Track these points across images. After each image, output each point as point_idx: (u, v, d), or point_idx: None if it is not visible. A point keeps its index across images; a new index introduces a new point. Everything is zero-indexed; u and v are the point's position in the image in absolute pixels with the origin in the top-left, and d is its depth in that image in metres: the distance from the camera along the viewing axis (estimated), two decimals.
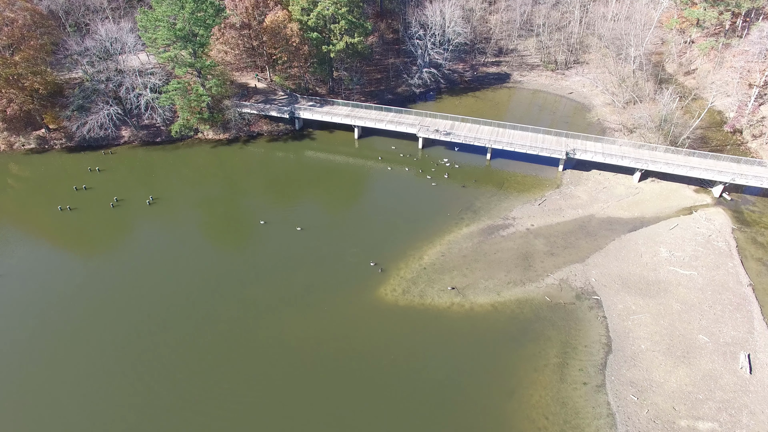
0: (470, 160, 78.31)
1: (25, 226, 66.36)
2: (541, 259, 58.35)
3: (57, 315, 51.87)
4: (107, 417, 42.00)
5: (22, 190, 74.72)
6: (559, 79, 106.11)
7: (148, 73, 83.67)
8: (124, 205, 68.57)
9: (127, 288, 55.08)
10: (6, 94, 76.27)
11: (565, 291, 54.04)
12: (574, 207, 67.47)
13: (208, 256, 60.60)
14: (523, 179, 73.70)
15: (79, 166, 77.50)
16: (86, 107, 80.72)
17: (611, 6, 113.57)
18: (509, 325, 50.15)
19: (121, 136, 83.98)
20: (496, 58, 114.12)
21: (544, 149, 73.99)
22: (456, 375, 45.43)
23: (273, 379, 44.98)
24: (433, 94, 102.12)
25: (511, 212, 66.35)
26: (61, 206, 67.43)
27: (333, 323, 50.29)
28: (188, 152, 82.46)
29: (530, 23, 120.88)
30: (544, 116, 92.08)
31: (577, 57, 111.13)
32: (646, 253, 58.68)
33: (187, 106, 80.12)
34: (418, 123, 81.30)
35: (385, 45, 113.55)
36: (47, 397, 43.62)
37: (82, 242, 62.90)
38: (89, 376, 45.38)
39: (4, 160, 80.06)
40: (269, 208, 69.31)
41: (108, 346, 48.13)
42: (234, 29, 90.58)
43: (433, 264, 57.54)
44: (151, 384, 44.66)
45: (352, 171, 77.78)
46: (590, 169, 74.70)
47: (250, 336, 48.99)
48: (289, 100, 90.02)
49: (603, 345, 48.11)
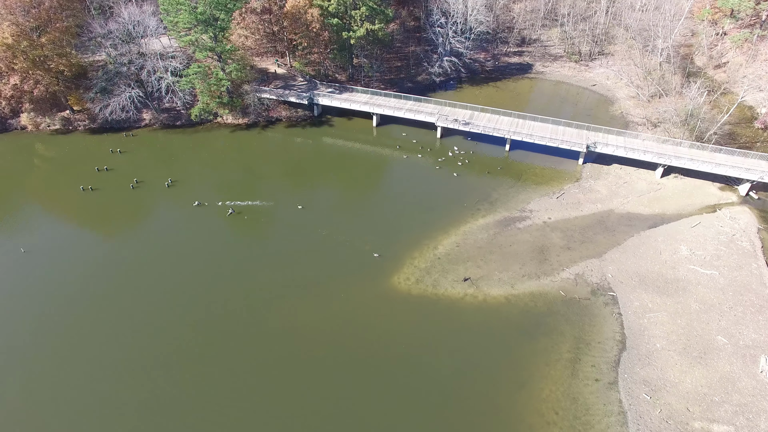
0: (489, 151, 77.42)
1: (49, 205, 67.96)
2: (557, 252, 57.63)
3: (76, 291, 53.28)
4: (119, 388, 43.11)
5: (47, 170, 76.40)
6: (583, 70, 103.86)
7: (169, 57, 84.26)
8: (144, 186, 69.59)
9: (143, 267, 56.16)
10: (33, 76, 77.73)
11: (580, 286, 53.36)
12: (593, 201, 66.33)
13: (223, 240, 61.26)
14: (542, 171, 72.63)
15: (101, 148, 78.80)
16: (109, 90, 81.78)
17: None
18: (522, 318, 49.80)
19: (142, 119, 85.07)
20: (519, 48, 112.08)
21: (565, 142, 72.72)
22: (466, 366, 45.36)
23: (283, 365, 45.46)
24: (454, 83, 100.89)
25: (528, 204, 65.55)
26: (83, 186, 68.75)
27: (345, 310, 50.54)
28: (207, 136, 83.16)
29: (554, 13, 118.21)
30: (565, 108, 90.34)
31: (601, 48, 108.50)
32: (666, 251, 57.49)
33: (207, 90, 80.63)
34: (437, 112, 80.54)
35: (406, 32, 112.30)
36: (65, 367, 44.89)
37: (102, 222, 64.09)
38: (105, 349, 46.54)
39: (30, 140, 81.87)
40: (285, 193, 69.51)
41: (123, 324, 49.24)
42: (255, 14, 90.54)
43: (448, 254, 57.27)
44: (163, 362, 45.61)
45: (369, 158, 77.57)
46: (611, 164, 73.22)
47: (261, 321, 49.55)
48: (308, 86, 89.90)
49: (617, 342, 47.47)
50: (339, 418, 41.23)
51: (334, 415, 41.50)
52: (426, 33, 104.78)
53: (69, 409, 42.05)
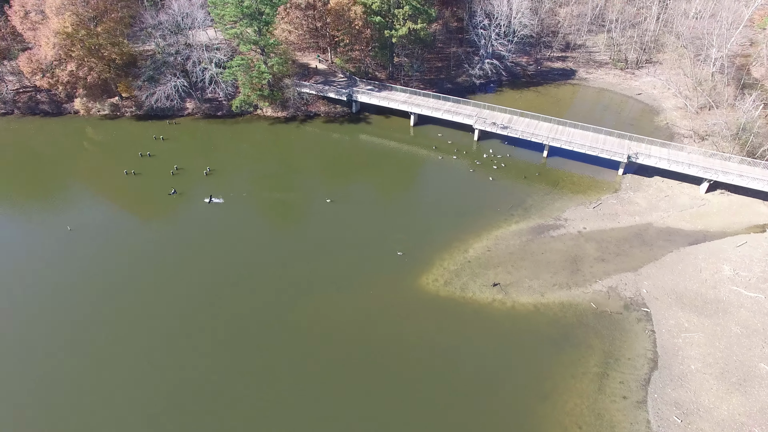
0: (526, 156, 76.14)
1: (95, 186, 70.96)
2: (591, 264, 56.23)
3: (116, 269, 55.66)
4: (154, 364, 44.64)
5: (94, 153, 79.86)
6: (628, 78, 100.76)
7: (214, 49, 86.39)
8: (183, 173, 71.66)
9: (177, 252, 58.18)
10: (88, 63, 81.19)
11: (612, 299, 51.92)
12: (631, 213, 64.35)
13: (256, 230, 62.52)
14: (580, 180, 70.95)
15: (145, 134, 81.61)
16: (156, 78, 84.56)
17: (694, 2, 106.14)
18: (550, 327, 48.84)
19: (185, 108, 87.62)
20: (562, 53, 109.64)
21: (605, 151, 70.79)
22: (490, 372, 44.86)
23: (307, 360, 45.99)
24: (494, 86, 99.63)
25: (563, 213, 64.19)
26: (127, 170, 71.39)
27: (372, 308, 50.76)
28: (247, 127, 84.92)
29: (602, 18, 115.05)
30: (607, 116, 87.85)
31: (649, 56, 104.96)
32: (707, 269, 55.25)
33: (249, 82, 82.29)
34: (475, 114, 79.76)
35: (448, 33, 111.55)
36: (102, 340, 46.82)
37: (142, 206, 66.36)
38: (141, 327, 48.31)
39: (81, 123, 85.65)
40: (320, 187, 70.27)
41: (157, 305, 50.98)
42: (299, 9, 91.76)
43: (478, 258, 56.72)
44: (190, 345, 46.96)
45: (404, 158, 77.53)
46: (653, 176, 70.85)
47: (288, 314, 50.24)
48: (348, 82, 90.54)
49: (648, 360, 45.97)
50: (358, 417, 41.46)
51: (355, 412, 41.76)
52: (468, 34, 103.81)
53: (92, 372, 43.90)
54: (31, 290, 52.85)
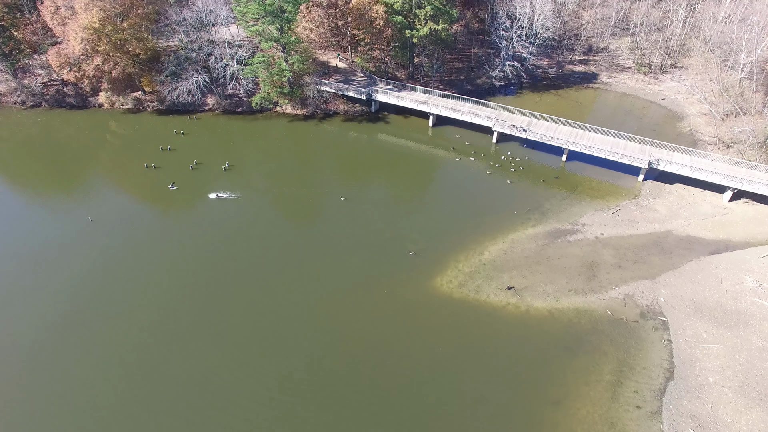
0: (544, 160, 75.44)
1: (116, 178, 72.37)
2: (607, 270, 55.50)
3: (133, 259, 56.72)
4: (164, 352, 45.35)
5: (117, 146, 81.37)
6: (652, 83, 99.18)
7: (236, 45, 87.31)
8: (202, 168, 72.61)
9: (195, 245, 58.83)
10: (113, 58, 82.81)
11: (629, 307, 51.18)
12: (651, 221, 63.33)
13: (271, 226, 63.02)
14: (599, 185, 70.05)
15: (166, 128, 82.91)
16: (178, 74, 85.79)
17: (724, 6, 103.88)
18: (564, 333, 48.34)
19: (206, 104, 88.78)
20: (585, 57, 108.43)
21: (625, 156, 69.76)
22: (501, 375, 44.58)
23: (314, 357, 46.20)
24: (514, 88, 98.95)
25: (581, 218, 63.46)
26: (147, 164, 72.61)
27: (384, 307, 50.80)
28: (266, 124, 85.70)
29: (626, 21, 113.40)
30: (629, 121, 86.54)
31: (674, 61, 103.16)
32: (728, 280, 54.10)
33: (269, 79, 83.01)
34: (494, 116, 79.29)
35: (469, 34, 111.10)
36: (113, 329, 47.78)
37: (161, 199, 67.32)
38: (151, 314, 49.13)
39: (105, 117, 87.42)
40: (336, 186, 70.59)
41: (169, 297, 51.74)
42: (321, 8, 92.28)
43: (493, 261, 56.40)
44: (205, 341, 47.57)
45: (421, 158, 77.44)
46: (674, 182, 69.60)
47: (302, 310, 50.57)
48: (367, 81, 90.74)
49: (664, 370, 45.20)
50: (366, 417, 41.55)
51: (362, 413, 41.85)
52: (489, 36, 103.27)
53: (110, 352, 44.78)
54: (52, 277, 54.09)
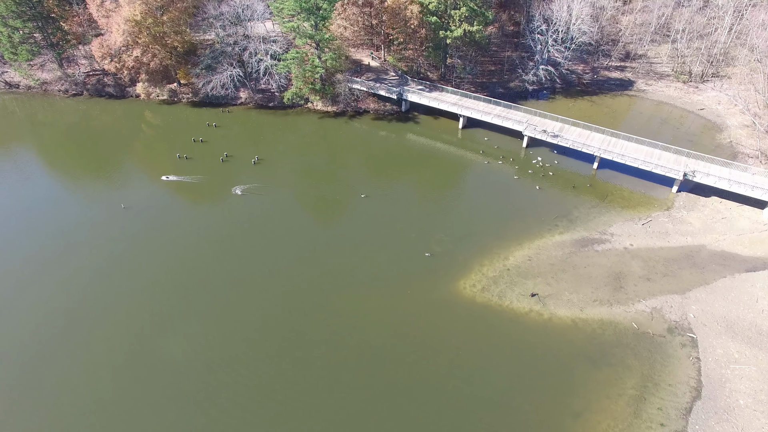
0: (575, 167, 74.07)
1: (149, 167, 74.32)
2: (635, 282, 54.18)
3: (161, 248, 58.20)
4: (186, 338, 46.39)
5: (151, 136, 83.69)
6: (691, 92, 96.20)
7: (270, 41, 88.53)
8: (232, 161, 73.93)
9: (222, 235, 59.93)
10: (152, 50, 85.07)
11: (656, 321, 49.85)
12: (683, 234, 61.50)
13: (298, 221, 63.69)
14: (630, 195, 68.40)
15: (199, 120, 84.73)
16: (213, 67, 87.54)
17: None
18: (587, 344, 47.41)
19: (238, 97, 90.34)
20: (621, 63, 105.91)
21: (659, 166, 67.91)
22: (521, 384, 44.00)
23: (333, 353, 46.41)
24: (547, 93, 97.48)
25: (610, 227, 62.09)
26: (179, 154, 74.35)
27: (405, 307, 50.73)
28: (296, 119, 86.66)
29: (667, 28, 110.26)
30: (665, 131, 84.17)
31: (717, 69, 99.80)
32: (765, 299, 52.10)
33: (302, 75, 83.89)
34: (525, 121, 78.30)
35: (504, 37, 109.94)
36: (140, 314, 49.11)
37: (191, 189, 68.79)
38: (174, 302, 50.26)
39: (141, 107, 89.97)
40: (365, 183, 70.75)
41: (192, 288, 52.81)
42: (356, 6, 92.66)
43: (518, 266, 55.73)
44: (220, 328, 48.44)
45: (450, 160, 77.03)
46: (710, 195, 67.41)
47: (323, 307, 50.86)
48: (399, 81, 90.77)
49: (691, 389, 43.85)
50: (383, 419, 41.63)
51: (378, 416, 41.96)
52: (524, 39, 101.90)
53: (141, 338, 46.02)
54: (83, 262, 55.96)
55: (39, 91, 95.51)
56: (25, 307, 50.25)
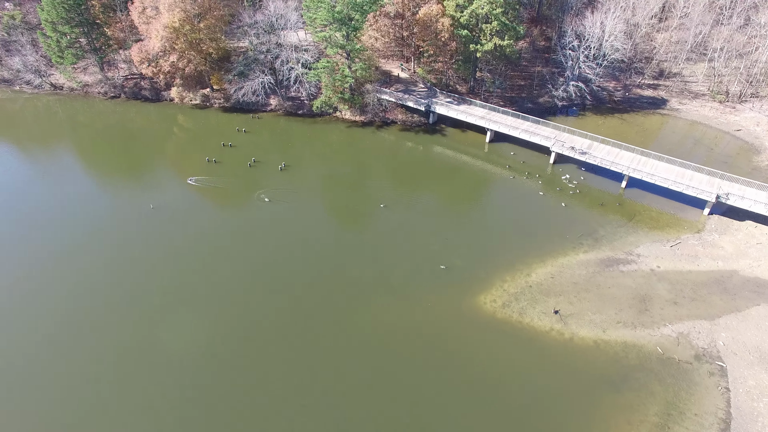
0: (602, 185, 72.78)
1: (179, 169, 76.11)
2: (661, 305, 52.71)
3: (186, 247, 59.78)
4: (206, 337, 47.14)
5: (183, 139, 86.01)
6: (727, 112, 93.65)
7: (302, 50, 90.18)
8: (260, 166, 75.22)
9: (245, 239, 61.02)
10: (187, 55, 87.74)
11: (682, 347, 48.32)
12: (714, 258, 59.63)
13: (320, 228, 64.24)
14: (659, 216, 66.78)
15: (229, 125, 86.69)
16: (245, 74, 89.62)
17: None
18: (609, 366, 46.26)
19: (268, 104, 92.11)
20: (655, 81, 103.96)
21: (691, 188, 66.20)
22: (539, 403, 43.19)
23: (351, 363, 46.50)
24: (576, 109, 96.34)
25: (636, 248, 60.68)
26: (208, 158, 76.11)
27: (424, 320, 50.50)
28: (324, 128, 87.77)
29: (704, 46, 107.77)
30: (698, 151, 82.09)
31: (756, 90, 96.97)
32: None
33: (332, 84, 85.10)
34: (553, 137, 77.50)
35: (534, 52, 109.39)
36: (163, 311, 50.17)
37: (219, 193, 70.20)
38: (198, 304, 51.20)
39: (174, 111, 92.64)
40: (390, 193, 70.99)
41: (214, 293, 53.73)
42: (387, 17, 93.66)
43: (540, 284, 54.92)
44: (244, 336, 49.04)
45: (476, 173, 76.72)
46: (744, 219, 65.28)
47: (342, 317, 50.99)
48: (427, 93, 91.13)
49: (719, 420, 42.23)
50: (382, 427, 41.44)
51: (390, 428, 41.78)
52: (555, 54, 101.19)
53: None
54: (111, 260, 57.65)
55: (80, 93, 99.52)
56: (47, 296, 52.09)
